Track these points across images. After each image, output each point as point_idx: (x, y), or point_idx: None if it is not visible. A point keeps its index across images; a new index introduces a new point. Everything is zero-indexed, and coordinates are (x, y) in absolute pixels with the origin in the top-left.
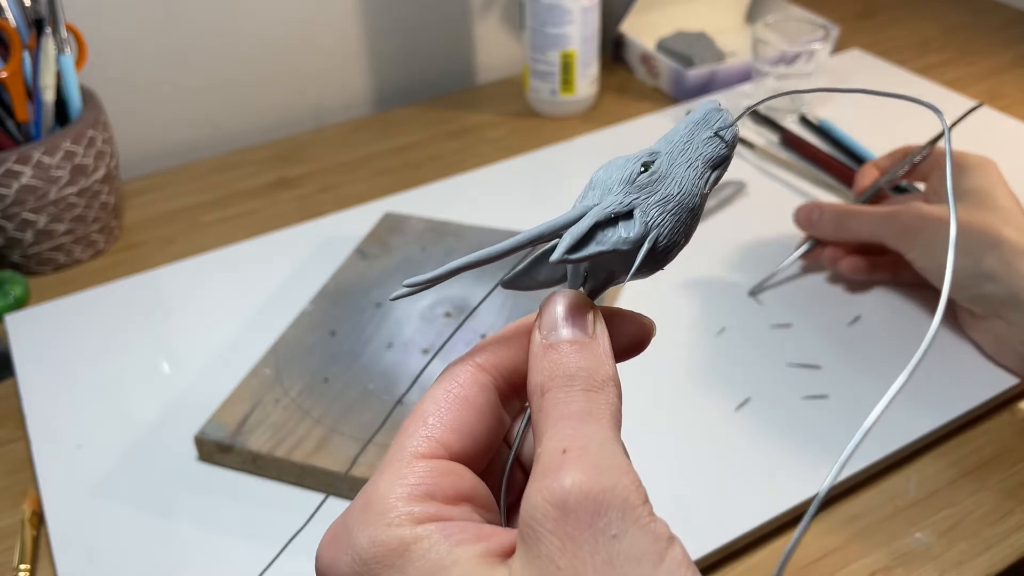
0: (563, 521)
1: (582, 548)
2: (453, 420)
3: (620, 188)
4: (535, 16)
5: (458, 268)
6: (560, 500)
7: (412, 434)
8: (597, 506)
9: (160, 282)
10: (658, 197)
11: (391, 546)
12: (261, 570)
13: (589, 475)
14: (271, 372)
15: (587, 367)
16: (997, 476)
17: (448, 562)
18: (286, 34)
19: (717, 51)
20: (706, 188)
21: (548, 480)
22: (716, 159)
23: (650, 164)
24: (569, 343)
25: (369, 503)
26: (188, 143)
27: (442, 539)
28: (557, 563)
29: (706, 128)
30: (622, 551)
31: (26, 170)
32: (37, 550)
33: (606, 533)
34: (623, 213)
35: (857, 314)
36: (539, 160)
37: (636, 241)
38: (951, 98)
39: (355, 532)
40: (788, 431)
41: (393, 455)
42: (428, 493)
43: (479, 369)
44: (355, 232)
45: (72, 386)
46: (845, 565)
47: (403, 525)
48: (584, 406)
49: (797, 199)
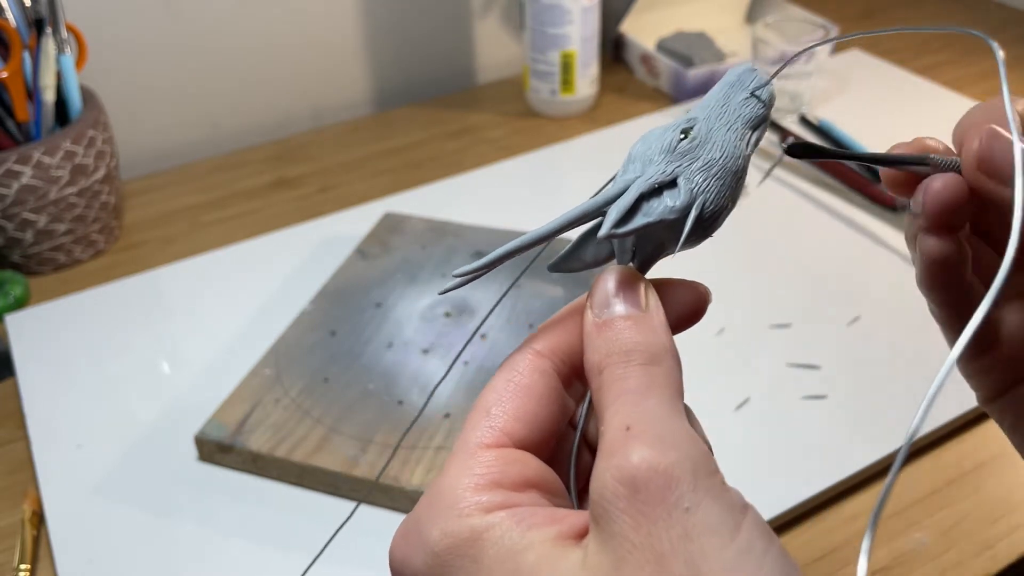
0: (634, 499)
1: (656, 524)
2: (515, 409)
3: (661, 157)
4: (535, 16)
5: (506, 253)
6: (629, 477)
7: (476, 426)
8: (667, 480)
9: (160, 282)
10: (701, 163)
11: (463, 536)
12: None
13: (655, 449)
14: (271, 372)
15: (643, 341)
16: (997, 476)
17: (522, 547)
18: (286, 34)
19: (717, 51)
20: (748, 150)
21: (615, 459)
22: (755, 119)
23: (689, 130)
24: (623, 319)
25: (437, 497)
26: (188, 143)
27: (513, 525)
28: (632, 541)
29: (741, 89)
30: (697, 523)
31: (26, 170)
32: (37, 550)
33: (679, 507)
34: (667, 182)
35: (857, 314)
36: (539, 160)
37: (683, 209)
38: (951, 98)
39: (426, 527)
40: (788, 431)
41: (458, 448)
42: (495, 482)
43: (538, 356)
44: (355, 232)
45: (72, 386)
46: (845, 565)
47: (473, 515)
48: (643, 381)
49: (797, 199)
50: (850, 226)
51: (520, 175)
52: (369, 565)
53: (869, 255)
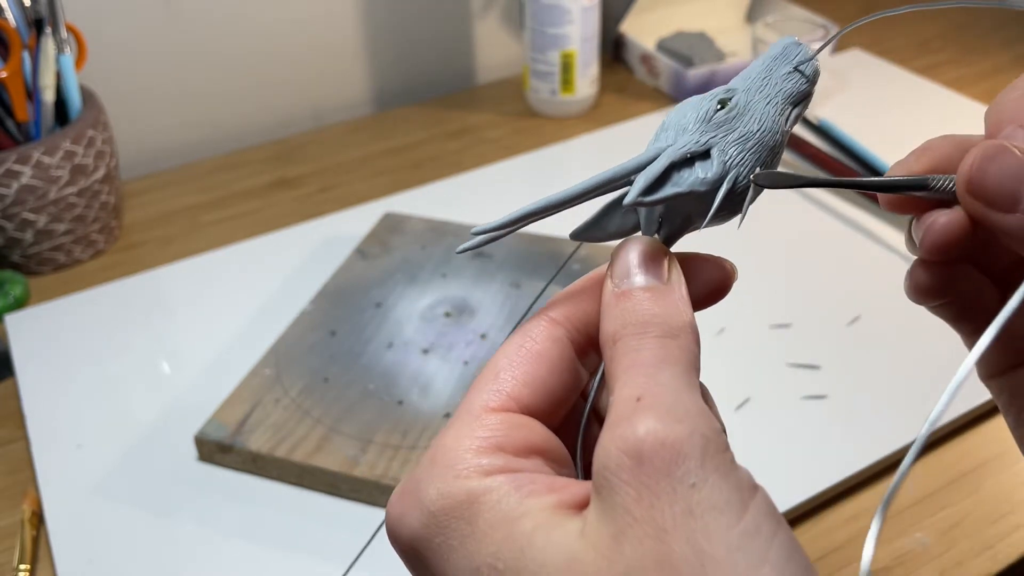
0: (638, 471)
1: (660, 498)
2: (525, 374)
3: (696, 127)
4: (535, 16)
5: (528, 214)
6: (635, 449)
7: (482, 389)
8: (674, 454)
9: (160, 282)
10: (737, 135)
11: (459, 498)
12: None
13: (664, 422)
14: (271, 372)
15: (661, 314)
16: (996, 476)
17: (518, 513)
18: (286, 34)
19: (717, 51)
20: (787, 125)
21: (621, 429)
22: (797, 95)
23: (727, 101)
24: (643, 290)
25: (437, 456)
26: (188, 143)
27: (512, 490)
28: (633, 514)
29: (785, 63)
30: (702, 500)
31: (26, 170)
32: (37, 550)
33: (684, 482)
34: (700, 153)
35: (857, 314)
36: (539, 160)
37: (715, 182)
38: (951, 98)
39: (423, 486)
40: (788, 431)
41: (462, 410)
42: (497, 446)
43: (553, 323)
44: (355, 232)
45: (72, 386)
46: (845, 565)
47: (471, 477)
48: (658, 353)
49: (797, 199)
50: (850, 226)
51: (520, 175)
52: (370, 566)
53: (869, 255)
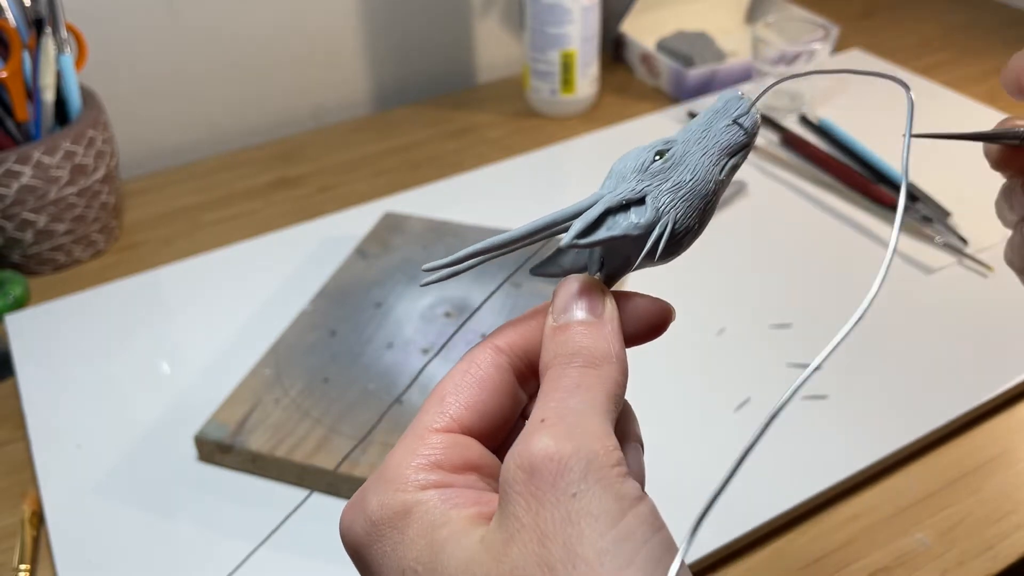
0: (529, 482)
1: (544, 506)
2: (468, 399)
3: (634, 176)
4: (535, 16)
5: (475, 252)
6: (528, 463)
7: (429, 411)
8: (560, 467)
9: (160, 282)
10: (671, 184)
11: (396, 509)
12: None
13: (557, 439)
14: (271, 372)
15: (589, 346)
16: (997, 476)
17: (440, 523)
18: (286, 34)
19: (717, 51)
20: (721, 175)
21: (522, 446)
22: (734, 147)
23: (664, 152)
24: (579, 323)
25: (384, 472)
26: (188, 143)
27: (440, 503)
28: (522, 520)
29: (725, 116)
30: (580, 508)
31: (26, 170)
32: (37, 550)
33: (567, 492)
34: (635, 199)
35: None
36: (539, 160)
37: (647, 226)
38: (952, 98)
39: (369, 497)
40: (788, 431)
41: (410, 430)
42: (436, 463)
43: (497, 351)
44: (355, 232)
45: (72, 386)
46: (845, 565)
47: (408, 491)
48: (576, 380)
49: (797, 199)
50: (850, 226)
51: (520, 175)
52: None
53: (869, 255)
